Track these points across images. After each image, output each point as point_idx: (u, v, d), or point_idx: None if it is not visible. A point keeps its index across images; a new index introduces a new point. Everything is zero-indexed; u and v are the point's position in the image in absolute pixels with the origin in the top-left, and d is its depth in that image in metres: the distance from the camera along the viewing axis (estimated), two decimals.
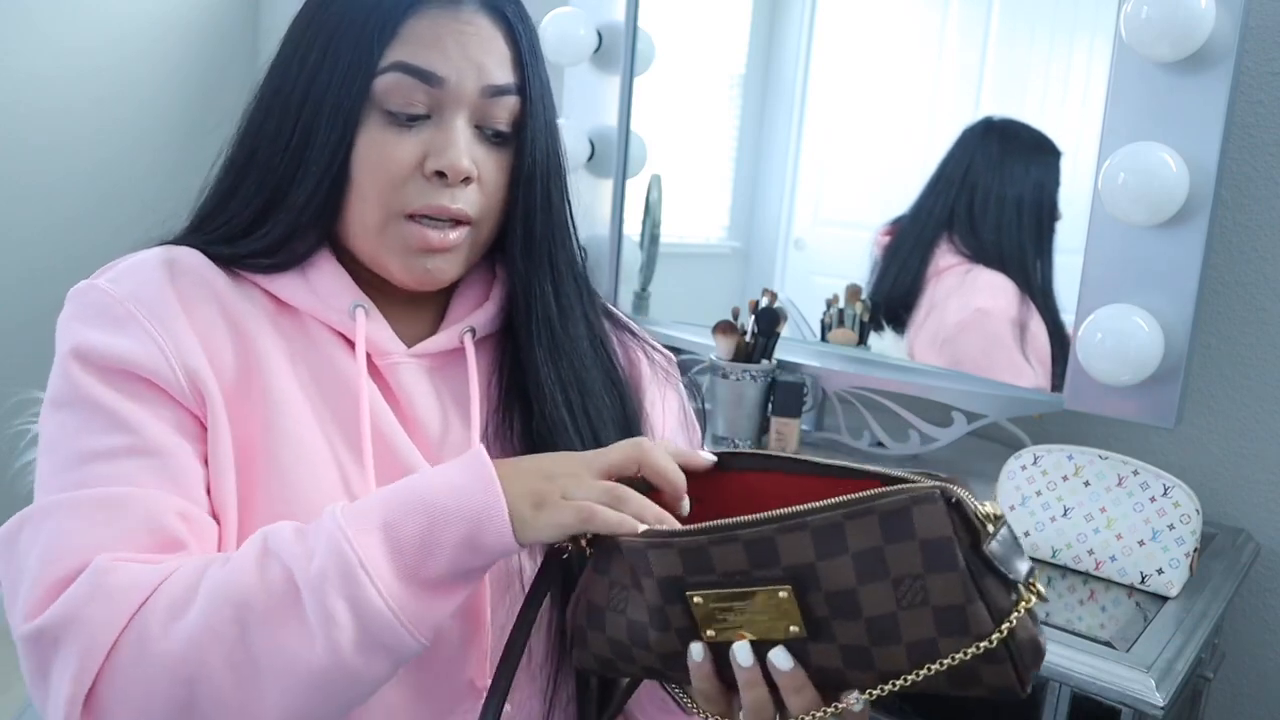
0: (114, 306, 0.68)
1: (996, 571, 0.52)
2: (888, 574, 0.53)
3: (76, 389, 0.66)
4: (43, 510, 0.63)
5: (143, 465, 0.64)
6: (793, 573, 0.55)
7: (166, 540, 0.63)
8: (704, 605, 0.57)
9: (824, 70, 1.71)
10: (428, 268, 0.73)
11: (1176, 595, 1.11)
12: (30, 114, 2.24)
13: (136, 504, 0.63)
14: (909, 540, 0.52)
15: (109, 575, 0.59)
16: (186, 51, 2.48)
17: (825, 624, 0.55)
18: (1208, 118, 1.15)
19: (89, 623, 0.57)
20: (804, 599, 0.55)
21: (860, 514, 0.53)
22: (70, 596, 0.58)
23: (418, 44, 0.70)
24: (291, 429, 0.70)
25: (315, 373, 0.73)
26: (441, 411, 0.76)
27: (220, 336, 0.70)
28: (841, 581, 0.54)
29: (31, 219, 2.27)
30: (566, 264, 0.79)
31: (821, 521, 0.54)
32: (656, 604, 0.58)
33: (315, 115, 0.71)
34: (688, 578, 0.57)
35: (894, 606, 0.53)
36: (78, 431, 0.65)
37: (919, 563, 0.52)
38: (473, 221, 0.73)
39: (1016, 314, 1.45)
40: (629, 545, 0.59)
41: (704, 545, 0.56)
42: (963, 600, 0.51)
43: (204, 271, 0.72)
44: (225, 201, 0.75)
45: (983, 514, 0.52)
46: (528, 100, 0.74)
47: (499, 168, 0.74)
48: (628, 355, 0.86)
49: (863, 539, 0.53)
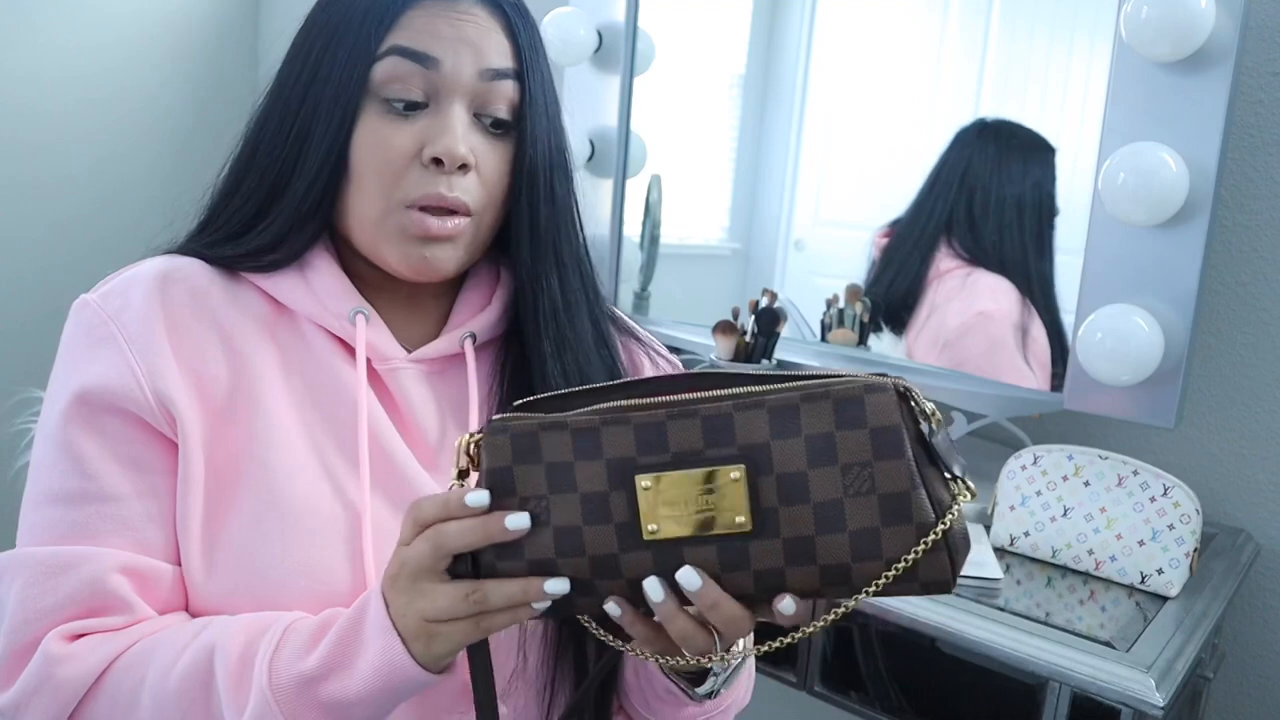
0: (98, 327, 0.71)
1: (937, 463, 0.54)
2: (837, 459, 0.54)
3: (59, 428, 0.70)
4: (15, 565, 0.68)
5: (96, 513, 0.69)
6: (747, 452, 0.55)
7: (106, 601, 0.67)
8: (651, 490, 0.55)
9: (824, 70, 1.71)
10: (425, 256, 0.72)
11: (1176, 595, 1.11)
12: (30, 114, 2.23)
13: (81, 565, 0.67)
14: (860, 427, 0.54)
15: (57, 666, 0.65)
16: (186, 52, 2.48)
17: (771, 515, 0.55)
18: (1208, 118, 1.15)
19: (43, 713, 0.65)
20: (754, 484, 0.55)
21: (816, 397, 0.54)
22: (24, 683, 0.66)
23: (414, 30, 0.71)
24: (279, 440, 0.70)
25: (310, 381, 0.73)
26: (440, 417, 0.76)
27: (211, 353, 0.72)
28: (793, 464, 0.54)
29: (31, 219, 2.27)
30: (573, 259, 0.79)
31: (778, 402, 0.55)
32: (600, 491, 0.56)
33: (315, 108, 0.71)
34: (639, 458, 0.56)
35: (840, 493, 0.54)
36: (49, 469, 0.70)
37: (868, 449, 0.54)
38: (472, 212, 0.73)
39: (1018, 317, 1.45)
40: (578, 424, 0.56)
41: (662, 420, 0.56)
42: (907, 487, 0.53)
43: (200, 283, 0.73)
44: (229, 197, 0.76)
45: (928, 409, 0.55)
46: (527, 89, 0.74)
47: (499, 158, 0.74)
48: (631, 359, 0.86)
49: (816, 423, 0.54)
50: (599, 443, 0.56)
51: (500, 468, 0.58)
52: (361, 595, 0.63)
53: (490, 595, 0.57)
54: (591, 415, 0.57)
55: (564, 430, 0.57)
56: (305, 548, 0.68)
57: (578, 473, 0.57)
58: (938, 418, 0.55)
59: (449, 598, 0.57)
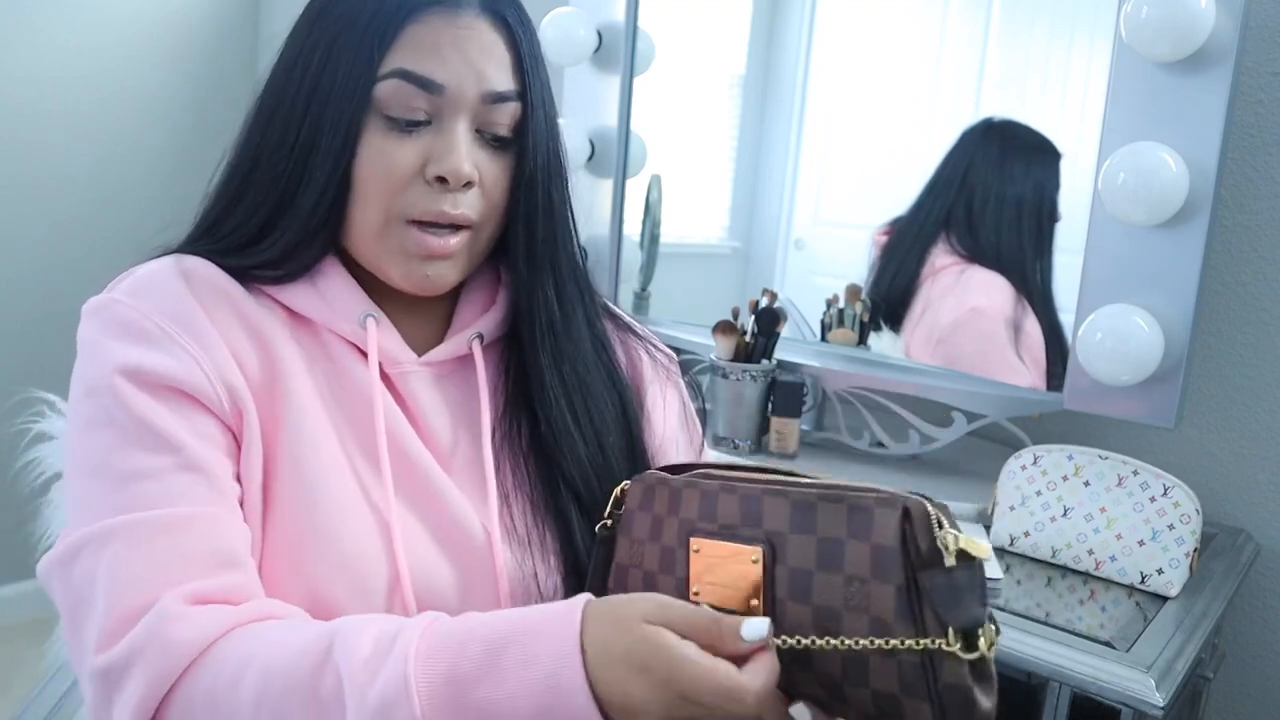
0: (142, 321, 0.68)
1: (929, 604, 0.50)
2: (841, 568, 0.54)
3: (123, 407, 0.65)
4: (100, 536, 0.62)
5: (193, 481, 0.64)
6: (769, 538, 0.57)
7: (229, 559, 0.64)
8: (699, 555, 0.60)
9: (824, 70, 1.71)
10: (427, 274, 0.73)
11: (1176, 595, 1.11)
12: (30, 115, 2.24)
13: (197, 525, 0.63)
14: (864, 540, 0.53)
15: (171, 624, 0.59)
16: (186, 53, 2.48)
17: (781, 606, 0.56)
18: (1208, 118, 1.15)
19: (148, 670, 0.58)
20: (771, 570, 0.56)
21: (832, 499, 0.55)
22: (134, 640, 0.59)
23: (418, 50, 0.70)
24: (311, 435, 0.70)
25: (331, 382, 0.74)
26: (451, 419, 0.77)
27: (244, 346, 0.71)
28: (804, 560, 0.55)
29: (31, 219, 2.27)
30: (568, 266, 0.80)
31: (799, 496, 0.57)
32: (672, 546, 0.62)
33: (318, 122, 0.71)
34: (698, 522, 0.61)
35: (841, 603, 0.54)
36: (123, 451, 0.65)
37: (867, 565, 0.53)
38: (474, 226, 0.74)
39: (1011, 313, 1.45)
40: (675, 485, 0.63)
41: (716, 491, 0.60)
42: (891, 617, 0.51)
43: (219, 281, 0.72)
44: (231, 209, 0.75)
45: (949, 544, 0.51)
46: (528, 105, 0.74)
47: (501, 171, 0.74)
48: (629, 355, 0.86)
49: (830, 525, 0.55)
50: (680, 502, 0.62)
51: (630, 510, 0.67)
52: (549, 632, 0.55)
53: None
54: (684, 478, 0.63)
55: (667, 486, 0.64)
56: (343, 543, 0.68)
57: (665, 526, 0.63)
58: (964, 556, 0.50)
59: None
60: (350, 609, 0.66)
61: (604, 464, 0.77)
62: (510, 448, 0.77)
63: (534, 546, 0.74)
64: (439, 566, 0.71)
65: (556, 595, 0.74)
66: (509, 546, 0.73)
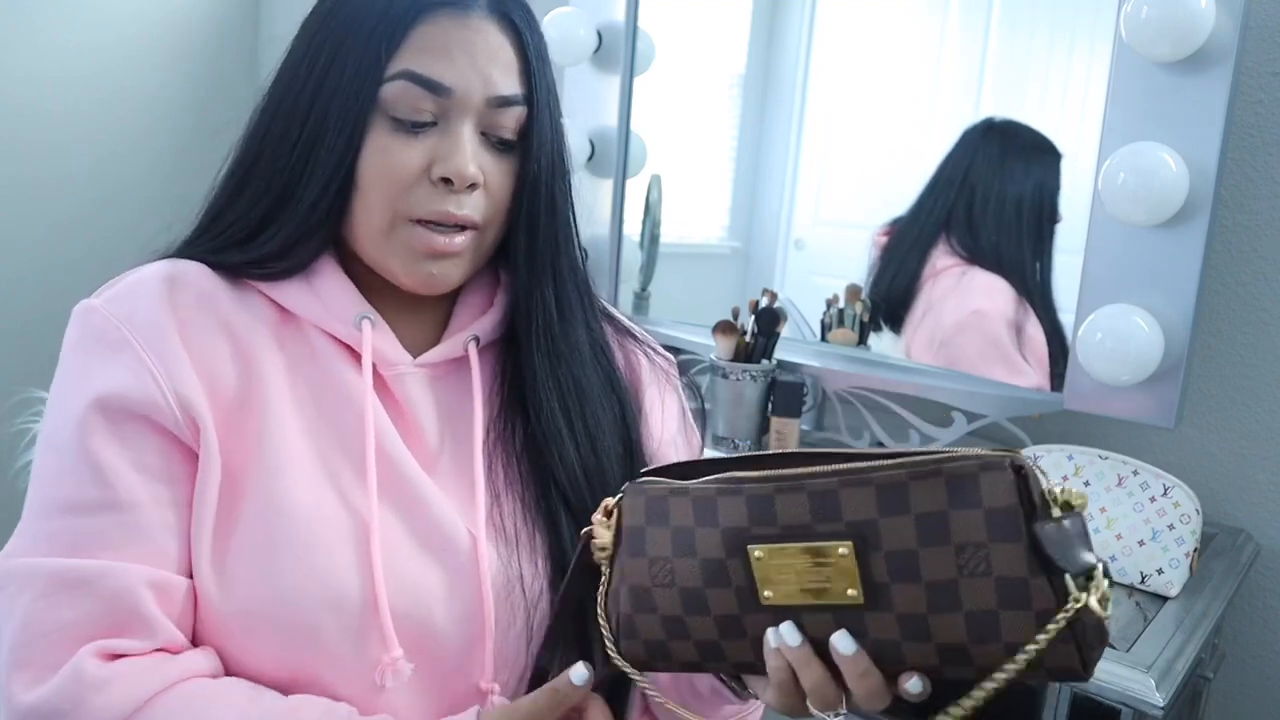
0: (109, 331, 0.69)
1: (1045, 554, 0.50)
2: (950, 539, 0.52)
3: (71, 435, 0.67)
4: (19, 580, 0.65)
5: (114, 522, 0.66)
6: (855, 529, 0.54)
7: (131, 621, 0.65)
8: (764, 561, 0.56)
9: (824, 70, 1.71)
10: (432, 272, 0.73)
11: (1176, 595, 1.11)
12: (30, 114, 2.23)
13: (105, 579, 0.64)
14: (974, 507, 0.51)
15: (94, 693, 0.61)
16: (186, 52, 2.48)
17: (884, 590, 0.54)
18: (1208, 118, 1.15)
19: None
20: (864, 559, 0.54)
21: (926, 475, 0.52)
22: (56, 700, 0.61)
23: (425, 52, 0.70)
24: (285, 446, 0.70)
25: (315, 386, 0.73)
26: (442, 420, 0.76)
27: (221, 355, 0.71)
28: (903, 542, 0.53)
29: (31, 219, 2.27)
30: (569, 269, 0.79)
31: (886, 479, 0.53)
32: (718, 558, 0.58)
33: (323, 120, 0.70)
34: (752, 529, 0.57)
35: (955, 573, 0.52)
36: (60, 479, 0.67)
37: (983, 531, 0.51)
38: (479, 227, 0.73)
39: (1013, 315, 1.45)
40: (698, 493, 0.59)
41: (770, 494, 0.56)
42: (1025, 574, 0.51)
43: (206, 286, 0.72)
44: (232, 203, 0.75)
45: (1053, 495, 0.51)
46: (534, 109, 0.74)
47: (505, 173, 0.74)
48: (627, 359, 0.86)
49: (927, 501, 0.52)
50: (715, 511, 0.58)
51: (635, 527, 0.62)
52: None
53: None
54: (710, 484, 0.59)
55: (686, 496, 0.60)
56: (314, 555, 0.67)
57: (697, 539, 0.59)
58: (1067, 506, 0.51)
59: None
60: (322, 620, 0.66)
61: (597, 467, 0.77)
62: (503, 448, 0.77)
63: (522, 547, 0.74)
64: (421, 571, 0.70)
65: (540, 600, 0.73)
66: (496, 547, 0.73)
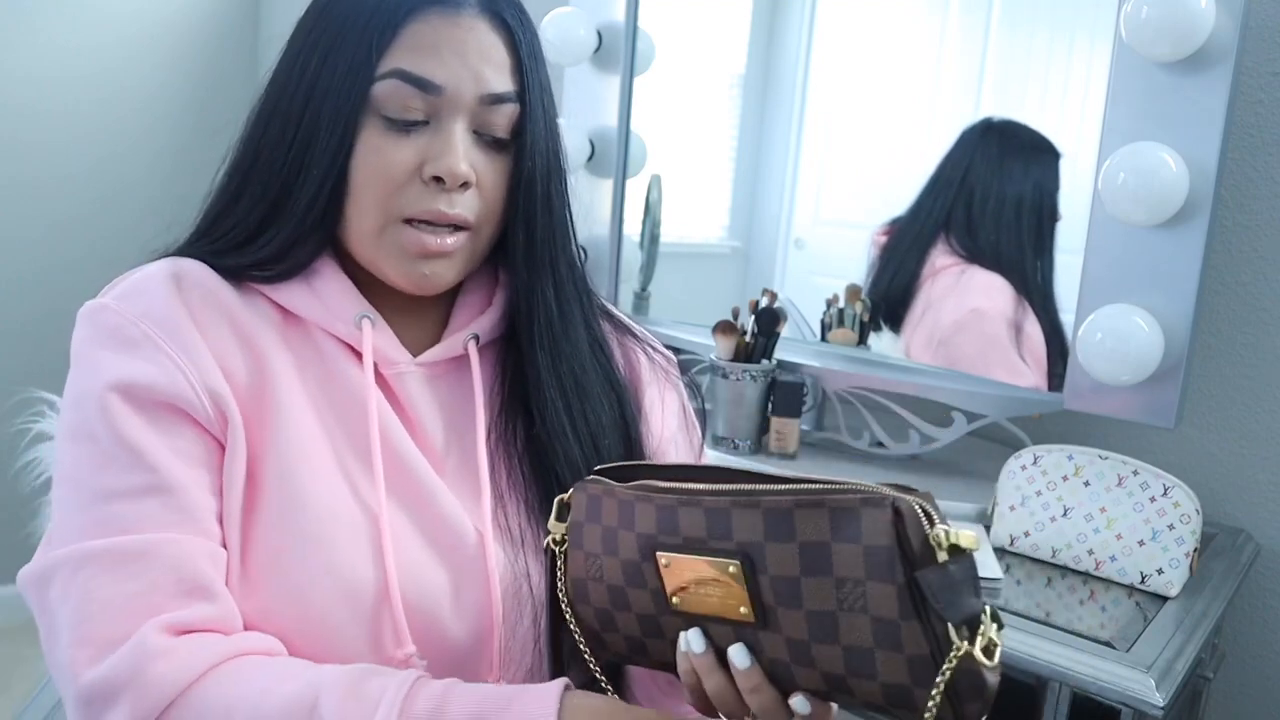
0: (125, 327, 0.68)
1: (928, 600, 0.50)
2: (831, 571, 0.52)
3: (104, 423, 0.66)
4: (73, 562, 0.63)
5: (163, 504, 0.65)
6: (743, 550, 0.55)
7: (195, 587, 0.64)
8: (670, 569, 0.58)
9: (824, 70, 1.71)
10: (425, 273, 0.73)
11: (1176, 595, 1.11)
12: (30, 114, 2.24)
13: (163, 553, 0.63)
14: (854, 542, 0.52)
15: (154, 661, 0.60)
16: (186, 52, 2.48)
17: (772, 612, 0.55)
18: (1208, 118, 1.15)
19: (133, 706, 0.59)
20: (752, 580, 0.55)
21: (810, 505, 0.53)
22: (118, 670, 0.60)
23: (416, 51, 0.70)
24: (299, 440, 0.70)
25: (323, 384, 0.73)
26: (446, 420, 0.77)
27: (232, 351, 0.71)
28: (786, 569, 0.54)
29: (31, 219, 2.27)
30: (567, 267, 0.80)
31: (772, 504, 0.54)
32: (634, 560, 0.60)
33: (315, 120, 0.71)
34: (659, 536, 0.59)
35: (835, 605, 0.53)
36: (99, 468, 0.66)
37: (861, 567, 0.51)
38: (472, 226, 0.73)
39: (1012, 314, 1.45)
40: (622, 496, 0.61)
41: (674, 505, 0.58)
42: (897, 616, 0.51)
43: (211, 285, 0.72)
44: (230, 207, 0.75)
45: (938, 540, 0.50)
46: (527, 107, 0.74)
47: (498, 172, 0.74)
48: (627, 357, 0.86)
49: (811, 530, 0.53)
50: (633, 515, 0.60)
51: (577, 522, 0.64)
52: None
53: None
54: (632, 489, 0.61)
55: (613, 498, 0.62)
56: (329, 548, 0.68)
57: (620, 540, 0.61)
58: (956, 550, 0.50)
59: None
60: (337, 614, 0.67)
61: (600, 464, 0.77)
62: (505, 448, 0.77)
63: (527, 546, 0.74)
64: (430, 568, 0.71)
65: (547, 597, 0.73)
66: (502, 546, 0.73)
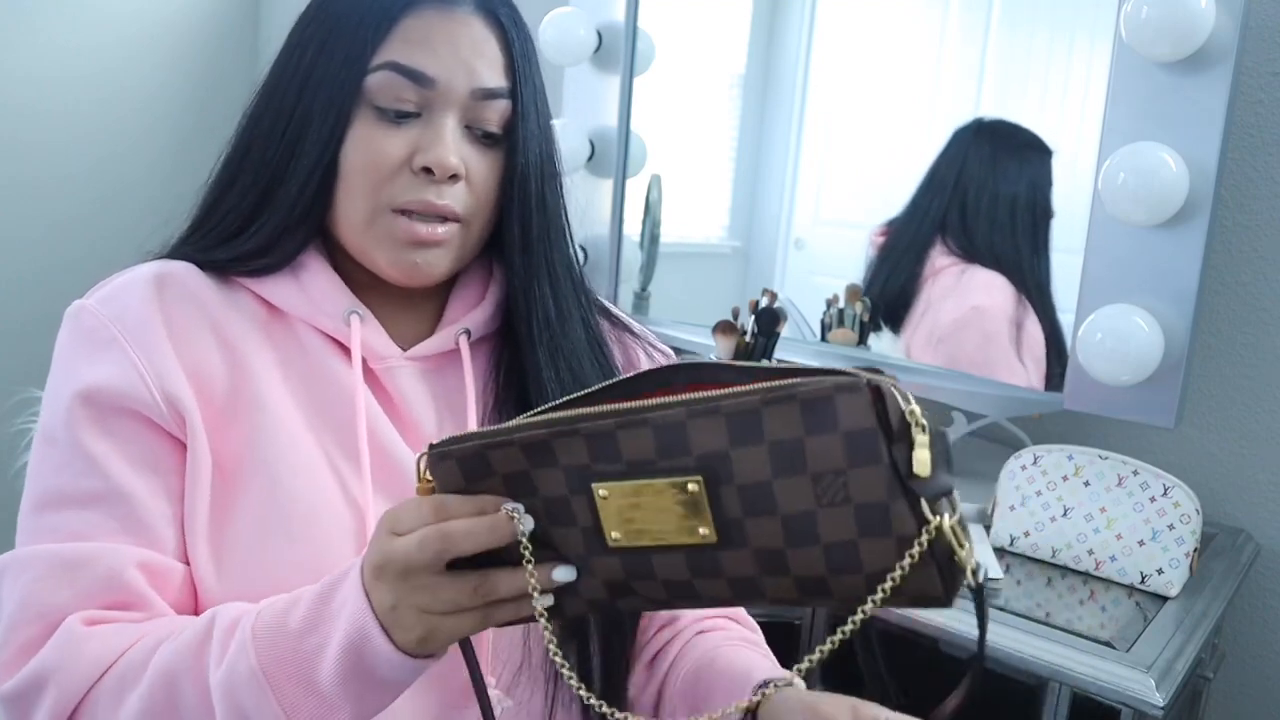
0: (99, 330, 0.70)
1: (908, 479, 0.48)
2: (806, 468, 0.49)
3: (66, 428, 0.69)
4: (19, 563, 0.67)
5: (109, 513, 0.68)
6: (704, 463, 0.50)
7: (125, 596, 0.67)
8: (609, 501, 0.53)
9: (824, 70, 1.71)
10: (416, 262, 0.73)
11: (1176, 595, 1.11)
12: (30, 114, 2.23)
13: (98, 561, 0.66)
14: (831, 431, 0.48)
15: (80, 643, 0.64)
16: (186, 52, 2.48)
17: (737, 526, 0.51)
18: (1208, 118, 1.15)
19: (57, 687, 0.63)
20: (715, 494, 0.51)
21: (780, 400, 0.49)
22: (42, 660, 0.64)
23: (410, 44, 0.71)
24: (284, 439, 0.70)
25: (307, 380, 0.74)
26: (437, 414, 0.77)
27: (209, 353, 0.72)
28: (756, 474, 0.50)
29: (31, 219, 2.27)
30: (564, 265, 0.80)
31: (736, 407, 0.49)
32: (560, 495, 0.54)
33: (309, 111, 0.71)
34: (594, 465, 0.53)
35: (813, 504, 0.49)
36: (56, 470, 0.69)
37: (841, 456, 0.48)
38: (461, 219, 0.74)
39: (1012, 312, 1.45)
40: (526, 439, 0.54)
41: (611, 430, 0.52)
42: (884, 498, 0.48)
43: (193, 286, 0.73)
44: (223, 195, 0.76)
45: (915, 416, 0.48)
46: (519, 104, 0.74)
47: (489, 167, 0.74)
48: (626, 354, 0.86)
49: (781, 428, 0.49)
50: (552, 452, 0.54)
51: (456, 490, 0.56)
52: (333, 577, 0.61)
53: (499, 586, 0.55)
54: (538, 430, 0.53)
55: (512, 447, 0.54)
56: (311, 545, 0.68)
57: (537, 479, 0.55)
58: (922, 427, 0.48)
59: (455, 590, 0.55)
60: None
61: None
62: None
63: None
64: None
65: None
66: None
